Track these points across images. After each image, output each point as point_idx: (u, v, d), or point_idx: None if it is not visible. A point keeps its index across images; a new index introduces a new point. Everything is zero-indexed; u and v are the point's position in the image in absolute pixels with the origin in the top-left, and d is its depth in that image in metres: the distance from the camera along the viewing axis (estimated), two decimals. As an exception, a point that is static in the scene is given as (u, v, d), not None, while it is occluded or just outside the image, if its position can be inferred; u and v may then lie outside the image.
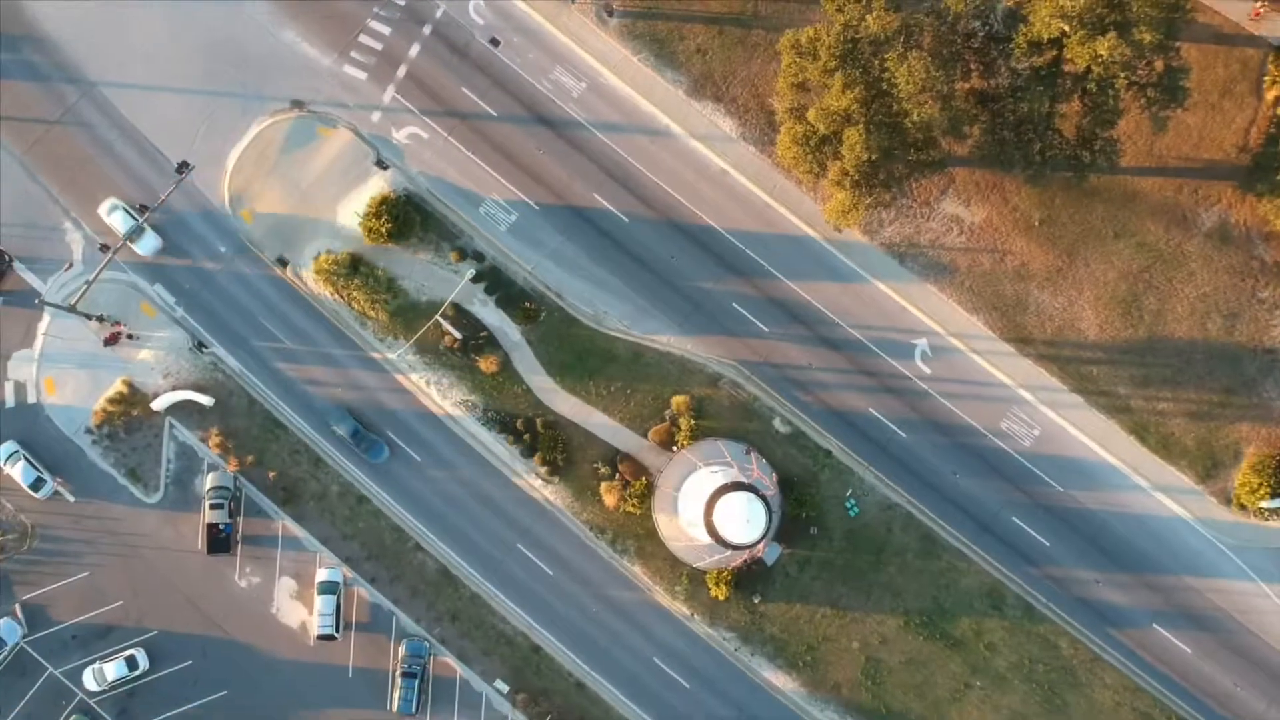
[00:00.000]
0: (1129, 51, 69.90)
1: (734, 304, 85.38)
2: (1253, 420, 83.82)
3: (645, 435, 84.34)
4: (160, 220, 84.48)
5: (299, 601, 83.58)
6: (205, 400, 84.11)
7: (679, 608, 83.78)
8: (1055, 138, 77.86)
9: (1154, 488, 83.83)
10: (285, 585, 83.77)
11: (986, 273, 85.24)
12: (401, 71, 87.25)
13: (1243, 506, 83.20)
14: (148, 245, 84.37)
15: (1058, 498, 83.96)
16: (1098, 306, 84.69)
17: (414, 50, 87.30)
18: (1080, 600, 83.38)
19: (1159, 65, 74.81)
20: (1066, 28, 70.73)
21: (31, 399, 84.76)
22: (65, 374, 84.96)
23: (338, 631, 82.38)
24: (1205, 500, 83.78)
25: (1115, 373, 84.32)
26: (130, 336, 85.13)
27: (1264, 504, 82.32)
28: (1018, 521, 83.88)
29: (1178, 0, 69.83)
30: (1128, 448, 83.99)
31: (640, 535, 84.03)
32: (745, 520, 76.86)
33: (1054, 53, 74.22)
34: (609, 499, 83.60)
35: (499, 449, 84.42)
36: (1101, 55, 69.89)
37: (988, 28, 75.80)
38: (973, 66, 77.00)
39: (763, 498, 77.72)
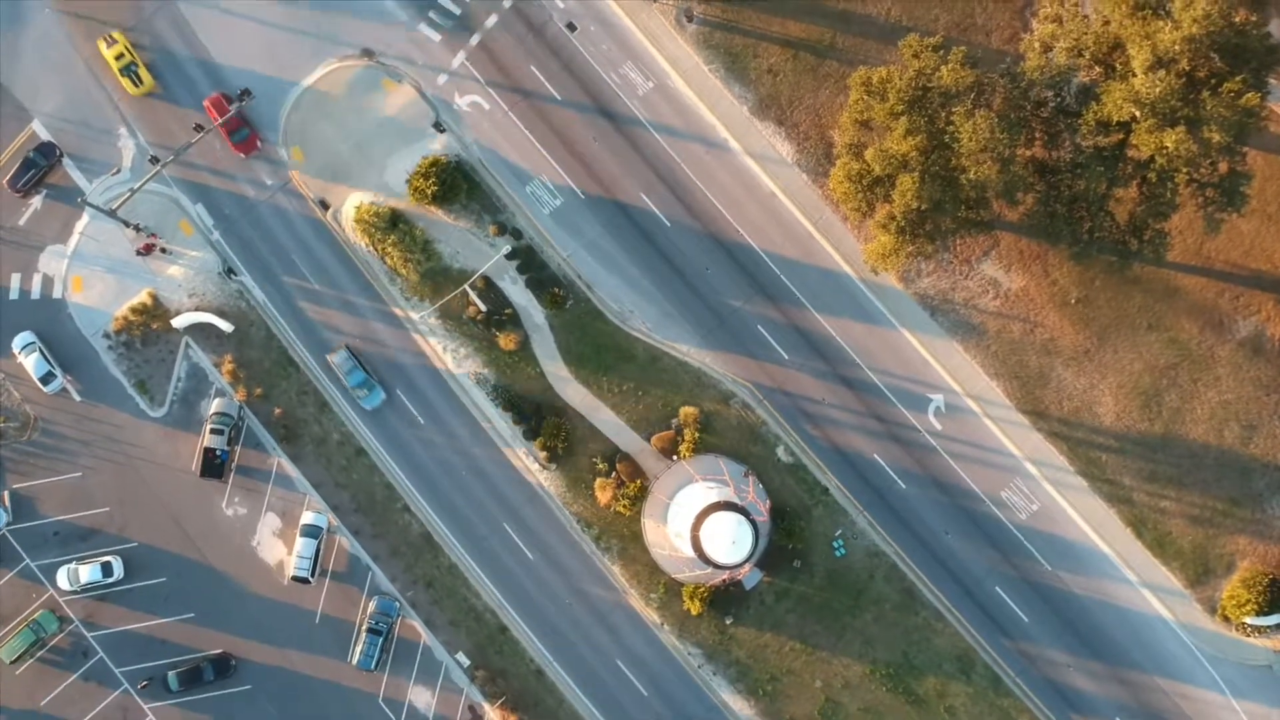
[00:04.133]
0: (1195, 148, 69.56)
1: (759, 326, 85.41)
2: (1252, 535, 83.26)
3: (648, 439, 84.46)
4: (213, 141, 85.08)
5: (280, 540, 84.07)
6: (225, 326, 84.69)
7: (651, 615, 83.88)
8: (1107, 220, 77.51)
9: (1142, 583, 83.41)
10: (270, 521, 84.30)
11: (1014, 341, 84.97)
12: (475, 39, 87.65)
13: (1227, 619, 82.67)
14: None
15: (1045, 575, 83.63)
16: (1118, 394, 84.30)
17: (491, 21, 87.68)
18: (1049, 681, 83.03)
19: (1223, 167, 74.42)
20: (1138, 113, 70.47)
21: (57, 294, 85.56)
22: (94, 275, 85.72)
23: (312, 576, 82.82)
24: (1191, 605, 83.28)
25: (1124, 463, 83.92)
26: (164, 250, 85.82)
27: (1249, 619, 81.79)
28: (1001, 592, 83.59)
29: (1253, 106, 69.39)
30: (1123, 539, 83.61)
31: (626, 537, 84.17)
32: (732, 541, 76.88)
33: (1121, 136, 73.93)
34: (602, 495, 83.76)
35: (503, 426, 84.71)
36: (1167, 147, 69.58)
37: (1059, 99, 75.66)
38: (1037, 135, 76.77)
39: (753, 522, 77.71)
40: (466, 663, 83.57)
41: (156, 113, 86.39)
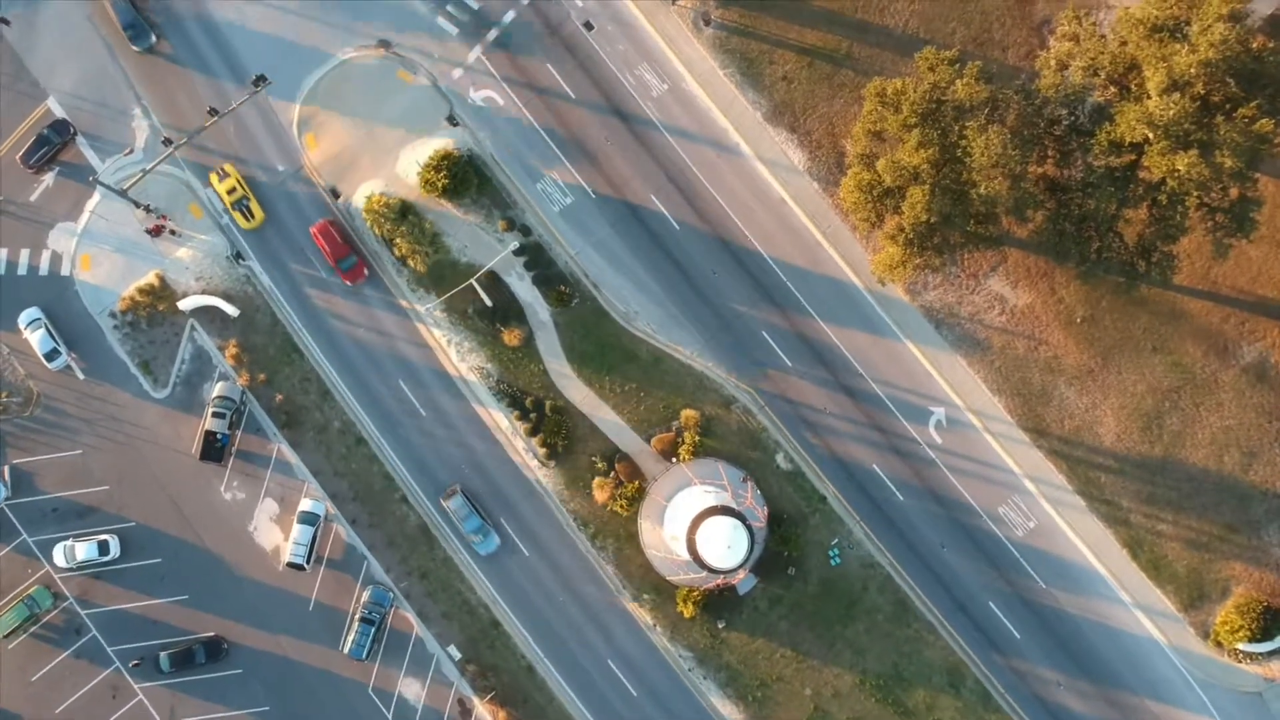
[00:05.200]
0: (1207, 172, 69.56)
1: (764, 332, 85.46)
2: (1248, 561, 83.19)
3: (648, 440, 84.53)
4: (226, 126, 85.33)
5: (277, 526, 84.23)
6: (231, 310, 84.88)
7: (643, 616, 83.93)
8: (1115, 240, 77.51)
9: (1135, 605, 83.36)
10: (267, 507, 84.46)
11: (1018, 358, 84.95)
12: (492, 35, 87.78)
13: (1219, 644, 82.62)
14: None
15: (1039, 593, 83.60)
16: (1120, 415, 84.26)
17: (509, 16, 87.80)
18: (1038, 698, 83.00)
19: (1234, 192, 74.37)
20: (1151, 135, 70.46)
21: (65, 271, 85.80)
22: (102, 254, 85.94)
23: (308, 563, 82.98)
24: (1184, 629, 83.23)
25: (1122, 484, 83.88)
26: (173, 232, 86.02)
27: (1241, 646, 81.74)
28: (994, 608, 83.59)
29: (1267, 133, 69.34)
30: (1119, 560, 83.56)
31: (621, 537, 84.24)
32: (727, 546, 76.93)
33: (1133, 157, 73.94)
34: (599, 494, 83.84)
35: (503, 421, 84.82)
36: (1179, 170, 69.59)
37: (1073, 118, 75.65)
38: (1050, 153, 76.79)
39: (749, 527, 77.75)
40: (458, 656, 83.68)
41: (172, 95, 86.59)
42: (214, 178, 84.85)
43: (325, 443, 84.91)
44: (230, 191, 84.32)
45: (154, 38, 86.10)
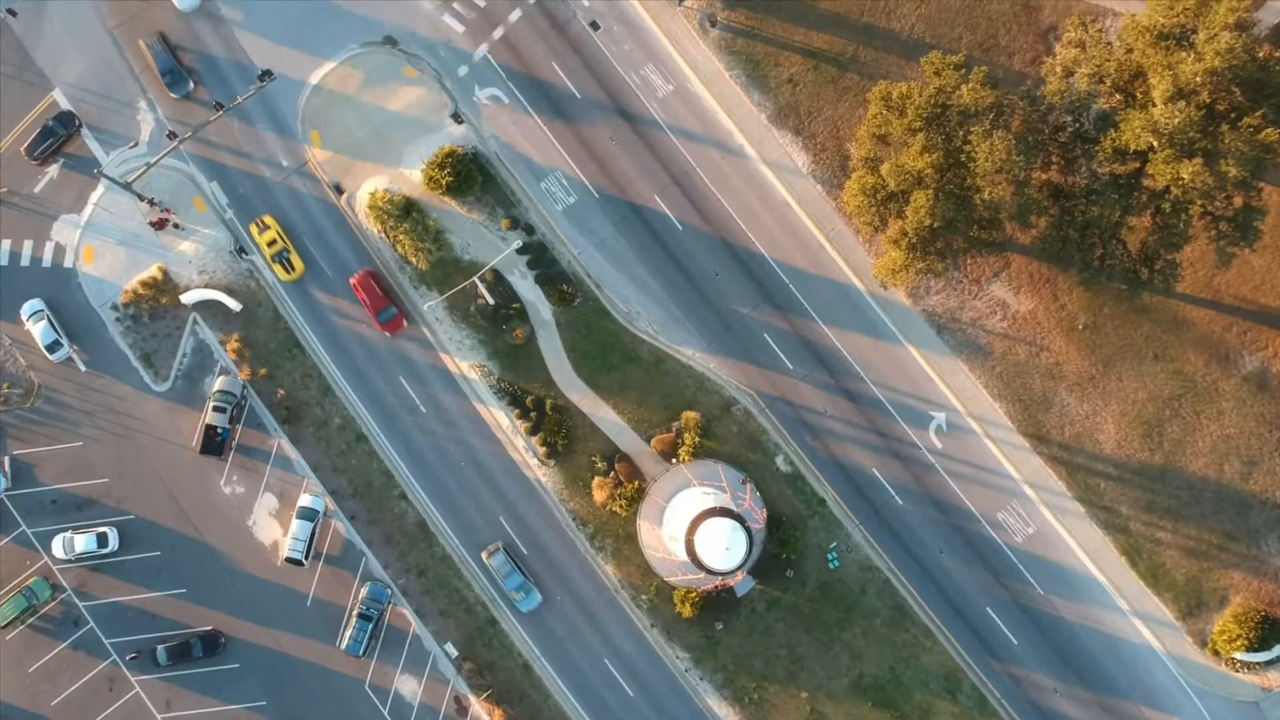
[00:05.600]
0: (1211, 181, 69.58)
1: (765, 335, 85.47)
2: (1246, 570, 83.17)
3: (649, 441, 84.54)
4: (231, 121, 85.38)
5: (276, 521, 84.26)
6: (233, 304, 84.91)
7: (641, 616, 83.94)
8: (1119, 248, 77.55)
9: (1133, 613, 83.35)
10: (266, 502, 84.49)
11: (1020, 363, 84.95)
12: (498, 33, 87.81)
13: (1217, 653, 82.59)
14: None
15: (1036, 599, 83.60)
16: (1120, 423, 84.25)
17: (515, 15, 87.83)
18: (1034, 705, 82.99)
19: (1238, 201, 74.41)
20: (1155, 143, 70.46)
21: (68, 263, 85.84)
22: (105, 247, 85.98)
23: (306, 559, 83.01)
24: (1181, 638, 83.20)
25: (1122, 491, 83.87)
26: (177, 225, 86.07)
27: (1239, 655, 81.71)
28: (991, 613, 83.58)
29: (1272, 142, 69.34)
30: (1117, 568, 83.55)
31: (620, 537, 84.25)
32: (725, 547, 76.97)
33: (1137, 165, 73.95)
34: (599, 494, 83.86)
35: (504, 420, 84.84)
36: (1183, 178, 69.60)
37: (1078, 125, 75.64)
38: (1054, 159, 76.82)
39: (748, 529, 77.78)
40: (454, 654, 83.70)
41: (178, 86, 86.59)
42: (254, 229, 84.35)
43: (325, 438, 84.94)
44: (271, 244, 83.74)
45: (192, 84, 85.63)
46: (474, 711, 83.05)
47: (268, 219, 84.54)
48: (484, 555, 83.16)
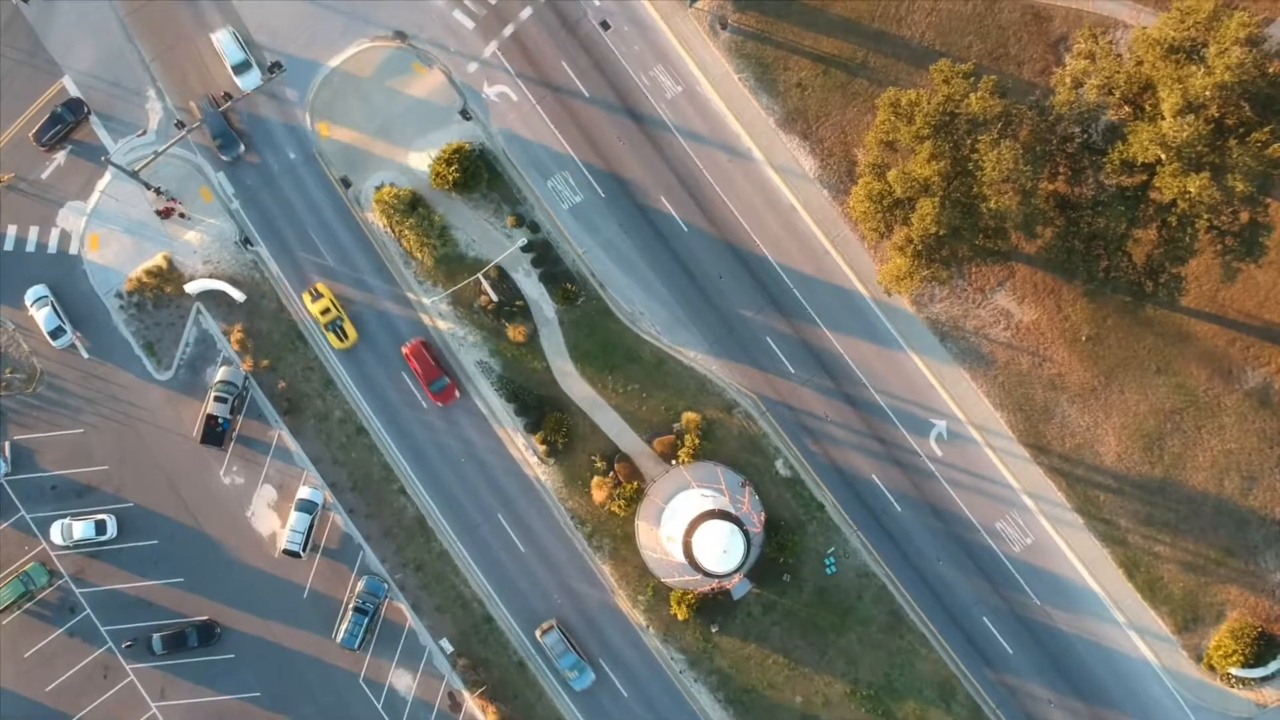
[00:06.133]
0: (1219, 195, 69.53)
1: (768, 338, 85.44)
2: (1244, 586, 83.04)
3: (649, 442, 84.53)
4: (239, 111, 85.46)
5: (274, 512, 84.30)
6: (237, 295, 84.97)
7: (637, 617, 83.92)
8: (1124, 260, 77.50)
9: (1130, 626, 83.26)
10: (265, 493, 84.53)
11: (1022, 373, 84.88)
12: (508, 30, 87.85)
13: (1212, 668, 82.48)
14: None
15: (1033, 610, 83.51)
16: (1121, 435, 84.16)
17: (525, 13, 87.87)
18: (1029, 715, 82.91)
19: (1244, 216, 74.36)
20: (1163, 156, 70.41)
21: (73, 250, 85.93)
22: (111, 235, 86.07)
23: (303, 551, 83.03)
24: (1177, 652, 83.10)
25: (1121, 504, 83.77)
26: (183, 215, 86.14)
27: (1234, 671, 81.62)
28: (987, 623, 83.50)
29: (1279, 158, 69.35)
30: (1114, 580, 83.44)
31: (618, 537, 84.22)
32: (723, 550, 76.94)
33: (1144, 177, 73.89)
34: (598, 494, 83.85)
35: (504, 416, 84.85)
36: (1190, 192, 69.55)
37: (1086, 136, 75.61)
38: (1061, 170, 76.77)
39: (745, 533, 77.75)
40: (450, 649, 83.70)
41: (187, 78, 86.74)
42: (306, 297, 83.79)
43: (326, 431, 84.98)
44: (324, 312, 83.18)
45: (242, 148, 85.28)
46: (468, 708, 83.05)
47: (321, 286, 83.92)
48: (537, 634, 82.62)
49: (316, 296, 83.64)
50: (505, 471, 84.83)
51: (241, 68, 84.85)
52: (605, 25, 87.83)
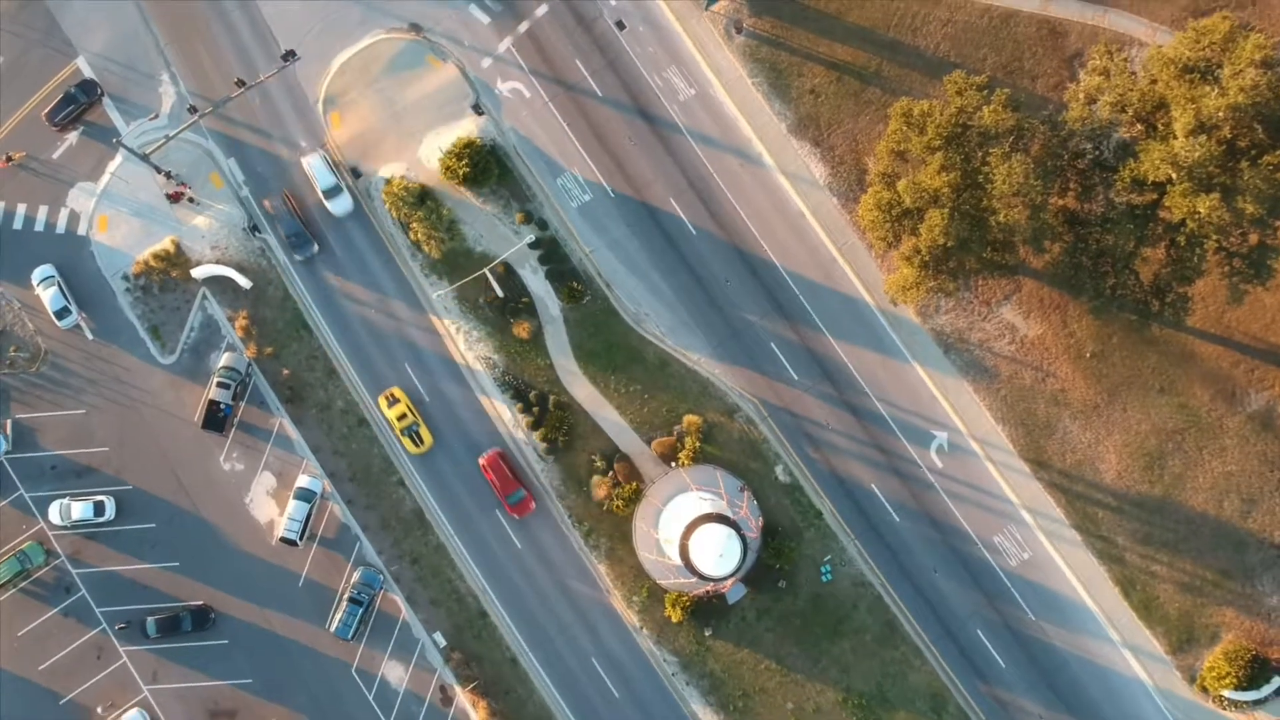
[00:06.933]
0: (1228, 217, 69.46)
1: (772, 344, 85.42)
2: (1240, 609, 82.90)
3: (649, 443, 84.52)
4: (252, 98, 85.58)
5: (273, 500, 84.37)
6: (244, 282, 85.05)
7: (631, 618, 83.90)
8: (1131, 278, 77.39)
9: (1124, 644, 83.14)
10: (265, 480, 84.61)
11: (1025, 388, 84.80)
12: (523, 27, 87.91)
13: (1205, 689, 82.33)
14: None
15: (1027, 625, 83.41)
16: (1122, 453, 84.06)
17: (541, 10, 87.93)
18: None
19: (1253, 238, 74.25)
20: (1174, 175, 70.33)
21: (82, 231, 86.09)
22: (120, 217, 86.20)
23: (300, 540, 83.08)
24: (1170, 672, 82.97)
25: (1120, 522, 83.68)
26: (192, 200, 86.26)
27: (1227, 693, 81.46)
28: (981, 636, 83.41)
29: (1291, 182, 69.29)
30: (1110, 598, 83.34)
31: (615, 537, 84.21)
32: (719, 554, 76.91)
33: (1154, 196, 73.79)
34: (597, 493, 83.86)
35: (506, 413, 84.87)
36: (1200, 213, 69.48)
37: (1098, 152, 75.52)
38: (1071, 185, 76.71)
39: (743, 537, 77.70)
40: (443, 643, 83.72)
41: (201, 63, 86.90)
42: (383, 402, 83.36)
43: (327, 421, 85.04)
44: (400, 418, 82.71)
45: (316, 247, 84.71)
46: (459, 702, 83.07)
47: (397, 391, 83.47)
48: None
49: (393, 402, 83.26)
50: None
51: (331, 192, 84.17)
52: (620, 25, 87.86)
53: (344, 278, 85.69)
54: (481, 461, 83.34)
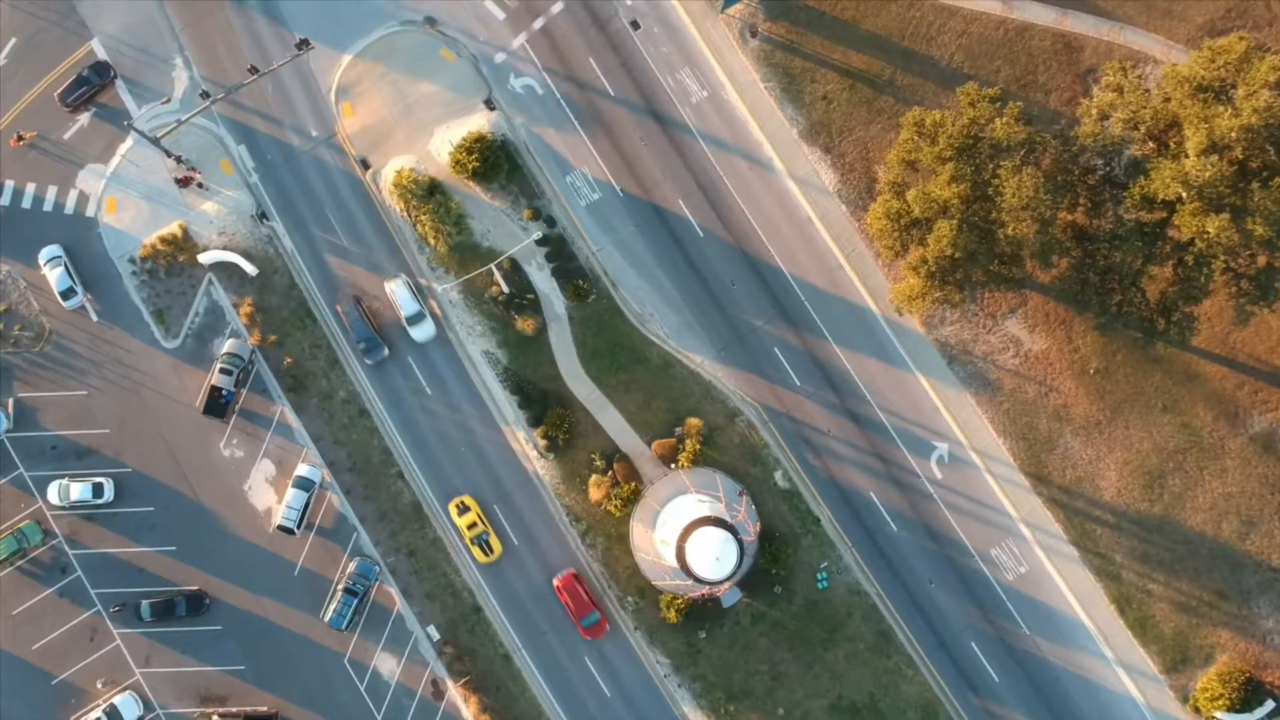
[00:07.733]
0: (1237, 237, 69.31)
1: (776, 349, 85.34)
2: (1235, 630, 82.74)
3: (649, 444, 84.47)
4: (265, 86, 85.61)
5: (272, 488, 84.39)
6: (250, 268, 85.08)
7: (625, 618, 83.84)
8: (1137, 295, 77.28)
9: (1117, 662, 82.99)
10: (264, 468, 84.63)
11: (1028, 402, 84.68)
12: (538, 24, 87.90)
13: (1198, 710, 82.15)
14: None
15: (1022, 639, 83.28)
16: (1123, 471, 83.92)
17: (556, 7, 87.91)
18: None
19: (1262, 260, 74.10)
20: (1184, 194, 70.21)
21: (90, 212, 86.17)
22: (129, 199, 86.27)
23: (298, 528, 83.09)
24: (1163, 692, 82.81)
25: (1118, 539, 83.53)
26: (201, 185, 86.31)
27: (1220, 714, 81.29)
28: (975, 649, 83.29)
29: (1302, 204, 69.11)
30: (1106, 615, 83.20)
31: (612, 536, 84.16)
32: (716, 557, 76.83)
33: (1164, 214, 73.67)
34: (595, 492, 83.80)
35: (507, 408, 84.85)
36: (1209, 233, 69.34)
37: (1108, 169, 75.45)
38: (1081, 201, 76.58)
39: (739, 541, 77.63)
40: (436, 637, 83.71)
41: (214, 49, 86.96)
42: (453, 510, 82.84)
43: (328, 410, 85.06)
44: (470, 526, 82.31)
45: (386, 351, 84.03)
46: (450, 696, 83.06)
47: (468, 499, 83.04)
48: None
49: (464, 510, 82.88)
50: (504, 463, 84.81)
51: (415, 319, 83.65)
52: (635, 25, 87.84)
53: (350, 265, 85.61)
54: (556, 583, 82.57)
